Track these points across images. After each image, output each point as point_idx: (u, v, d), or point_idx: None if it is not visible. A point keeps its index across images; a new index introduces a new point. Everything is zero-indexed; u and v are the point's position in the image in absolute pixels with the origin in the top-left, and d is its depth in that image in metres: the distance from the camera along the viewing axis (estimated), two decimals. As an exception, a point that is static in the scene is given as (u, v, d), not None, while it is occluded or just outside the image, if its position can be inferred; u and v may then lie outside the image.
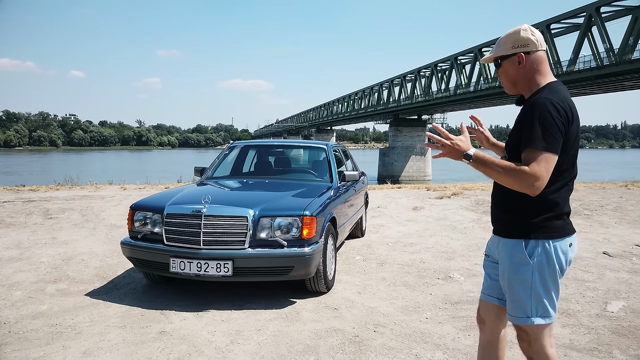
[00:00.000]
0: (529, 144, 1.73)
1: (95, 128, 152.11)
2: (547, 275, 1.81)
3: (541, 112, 1.73)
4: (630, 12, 28.14)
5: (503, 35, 1.92)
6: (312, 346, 2.94)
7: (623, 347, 2.95)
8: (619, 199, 9.65)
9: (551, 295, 1.83)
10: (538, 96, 1.80)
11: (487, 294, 2.05)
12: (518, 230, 1.83)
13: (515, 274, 1.83)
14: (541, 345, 1.84)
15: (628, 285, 4.16)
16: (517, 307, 1.84)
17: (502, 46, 1.90)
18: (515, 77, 1.90)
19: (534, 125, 1.72)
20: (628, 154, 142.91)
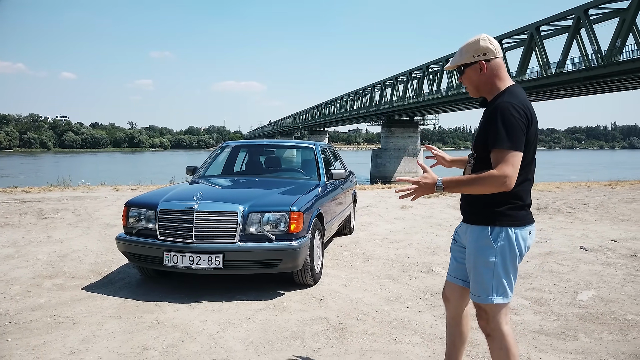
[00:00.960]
0: (496, 144, 1.91)
1: (86, 130, 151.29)
2: (508, 259, 2.00)
3: (504, 114, 1.91)
4: (617, 15, 28.60)
5: (464, 44, 2.09)
6: (298, 332, 3.13)
7: (588, 331, 3.16)
8: (602, 197, 9.92)
9: (510, 278, 2.02)
10: (500, 100, 1.98)
11: (453, 276, 2.26)
12: (485, 218, 2.02)
13: (481, 257, 2.02)
14: (498, 322, 2.02)
15: (600, 276, 4.38)
16: (480, 287, 2.03)
17: (464, 55, 2.07)
18: (477, 83, 2.08)
19: (499, 127, 1.90)
20: (618, 154, 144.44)
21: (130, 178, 16.81)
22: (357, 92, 67.03)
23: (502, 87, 2.05)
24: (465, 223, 2.15)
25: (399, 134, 53.37)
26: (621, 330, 3.17)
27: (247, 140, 6.38)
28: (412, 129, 54.15)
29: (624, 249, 5.37)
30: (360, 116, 65.42)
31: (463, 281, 2.21)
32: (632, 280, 4.24)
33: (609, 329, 3.19)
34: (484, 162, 2.00)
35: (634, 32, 27.10)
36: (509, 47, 39.11)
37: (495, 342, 2.04)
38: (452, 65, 2.14)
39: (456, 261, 2.24)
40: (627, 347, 2.92)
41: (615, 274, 4.45)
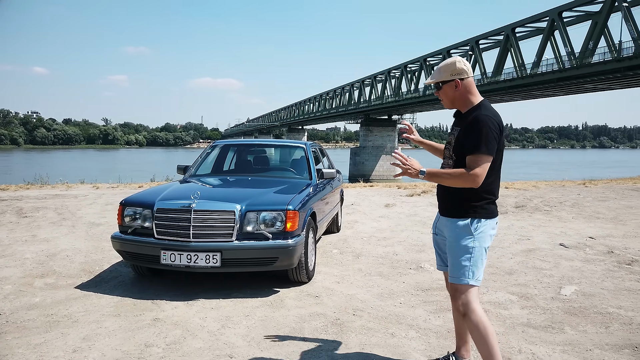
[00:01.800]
0: (474, 150, 2.25)
1: (59, 126, 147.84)
2: (483, 246, 2.36)
3: (483, 126, 2.26)
4: (590, 17, 29.41)
5: (442, 64, 2.42)
6: (298, 328, 3.21)
7: (573, 324, 3.32)
8: (577, 196, 10.25)
9: (482, 263, 2.37)
10: (478, 112, 2.32)
11: (443, 265, 2.60)
12: (466, 212, 2.36)
13: (462, 244, 2.34)
14: (469, 301, 2.34)
15: (580, 272, 4.58)
16: (458, 270, 2.35)
17: (442, 73, 2.39)
18: (453, 97, 2.41)
19: (478, 136, 2.25)
20: (589, 153, 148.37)
21: (109, 176, 16.58)
22: (336, 90, 67.19)
23: (475, 101, 2.40)
24: (444, 217, 2.47)
25: (377, 132, 53.77)
26: (604, 323, 3.34)
27: (238, 140, 6.41)
28: (391, 128, 54.61)
29: (601, 246, 5.61)
30: (339, 114, 65.62)
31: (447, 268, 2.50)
32: (611, 276, 4.45)
33: (593, 321, 3.36)
34: (460, 164, 2.34)
35: (606, 35, 27.91)
36: (485, 47, 39.78)
37: (470, 321, 2.33)
38: (431, 81, 2.43)
39: (441, 251, 2.60)
40: (610, 338, 3.09)
41: (594, 269, 4.66)
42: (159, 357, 2.78)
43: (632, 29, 25.98)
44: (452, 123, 2.52)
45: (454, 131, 2.43)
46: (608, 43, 27.66)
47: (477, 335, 2.32)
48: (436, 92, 2.46)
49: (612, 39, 27.72)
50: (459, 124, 2.42)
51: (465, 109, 2.41)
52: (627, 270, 4.65)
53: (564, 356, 2.83)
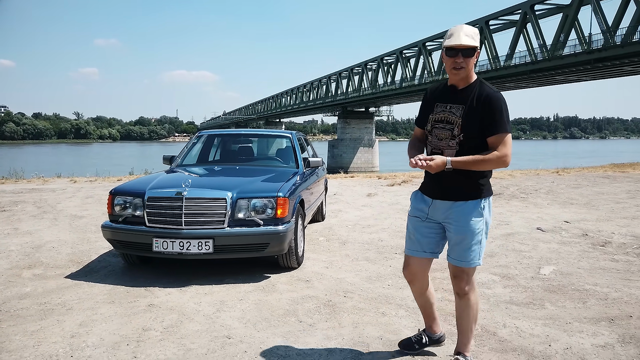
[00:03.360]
0: (499, 129, 2.18)
1: (28, 120, 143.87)
2: (488, 226, 2.36)
3: (502, 104, 2.20)
4: (561, 11, 30.06)
5: (470, 29, 2.19)
6: (291, 310, 3.30)
7: (553, 300, 3.50)
8: (551, 183, 10.59)
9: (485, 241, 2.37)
10: (488, 90, 2.23)
11: (421, 250, 2.44)
12: (476, 192, 2.30)
13: (473, 226, 2.29)
14: (473, 281, 2.40)
15: (558, 253, 4.79)
16: (470, 254, 2.32)
17: (475, 38, 2.19)
18: (471, 68, 2.26)
19: (502, 115, 2.18)
20: (561, 144, 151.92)
21: (85, 170, 16.32)
22: (313, 82, 67.12)
23: (474, 77, 2.30)
24: (447, 200, 2.31)
25: (354, 124, 54.01)
26: (581, 298, 3.53)
27: (224, 130, 6.43)
28: (368, 120, 54.94)
29: (576, 229, 5.85)
30: (316, 107, 65.63)
31: (431, 253, 2.45)
32: (586, 256, 4.67)
33: (571, 298, 3.55)
34: (469, 143, 2.22)
35: (576, 28, 28.61)
36: (461, 40, 40.23)
37: (471, 299, 2.39)
38: (471, 45, 2.17)
39: (425, 237, 2.42)
40: (587, 312, 3.27)
41: (571, 251, 4.88)
42: (157, 339, 2.84)
43: (602, 22, 26.69)
44: (438, 99, 2.35)
45: (452, 108, 2.27)
46: (578, 36, 28.37)
47: (472, 312, 2.40)
48: (461, 58, 2.19)
49: (582, 32, 28.43)
50: (458, 101, 2.26)
51: (466, 83, 2.27)
52: (601, 251, 4.88)
53: (545, 329, 2.99)
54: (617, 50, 25.61)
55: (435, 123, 2.34)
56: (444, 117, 2.31)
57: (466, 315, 2.42)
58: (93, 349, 2.71)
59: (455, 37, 2.19)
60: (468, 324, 2.43)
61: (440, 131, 2.31)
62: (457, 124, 2.25)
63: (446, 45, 2.22)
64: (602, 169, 14.74)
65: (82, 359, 2.60)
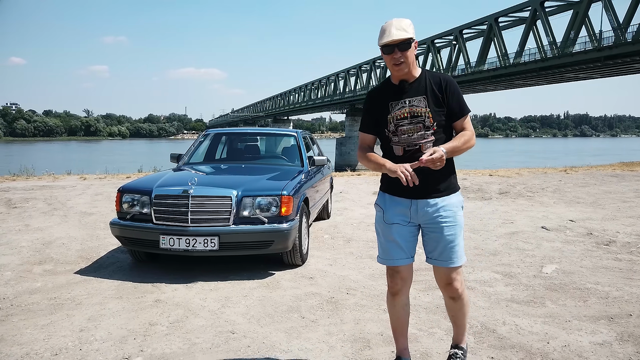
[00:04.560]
0: (465, 111, 2.22)
1: (39, 118, 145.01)
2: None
3: (457, 86, 2.25)
4: (571, 7, 29.85)
5: (401, 21, 2.15)
6: (295, 306, 3.37)
7: (554, 299, 3.53)
8: (559, 182, 10.57)
9: None
10: (440, 75, 2.25)
11: (405, 257, 2.30)
12: (455, 186, 2.27)
13: (457, 221, 2.24)
14: (463, 280, 2.36)
15: (561, 252, 4.81)
16: (456, 252, 2.25)
17: (409, 30, 2.14)
18: (413, 60, 2.20)
19: (461, 97, 2.23)
20: (571, 142, 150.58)
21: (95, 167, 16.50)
22: (322, 80, 67.16)
23: (418, 67, 2.27)
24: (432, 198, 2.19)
25: (363, 122, 53.82)
26: (582, 297, 3.56)
27: (230, 129, 6.52)
28: (376, 118, 54.70)
29: (581, 228, 5.86)
30: (324, 105, 65.67)
31: (412, 257, 2.33)
32: (589, 255, 4.68)
33: (572, 296, 3.58)
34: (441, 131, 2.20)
35: (587, 25, 28.39)
36: (469, 37, 40.13)
37: (463, 299, 2.36)
38: (404, 38, 2.12)
39: (406, 241, 2.29)
40: (588, 311, 3.30)
41: (574, 249, 4.89)
42: (163, 334, 2.91)
43: (612, 19, 26.48)
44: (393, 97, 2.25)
45: (415, 101, 2.20)
46: (589, 33, 28.15)
47: (466, 310, 2.39)
48: (398, 53, 2.14)
49: (592, 29, 28.22)
50: (414, 94, 2.21)
51: (414, 74, 2.22)
52: (605, 250, 4.89)
53: (545, 327, 3.02)
54: (628, 48, 25.40)
55: (399, 121, 2.21)
56: (409, 111, 2.20)
57: (463, 313, 2.39)
58: (101, 342, 2.79)
59: (387, 34, 2.14)
60: (464, 319, 2.43)
61: (409, 127, 2.19)
62: (426, 115, 2.18)
63: (380, 43, 2.17)
64: (610, 167, 14.66)
65: (90, 352, 2.68)
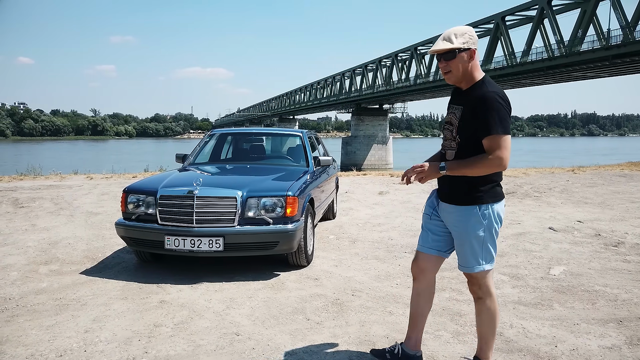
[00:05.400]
0: (491, 131, 2.10)
1: (46, 117, 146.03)
2: (493, 231, 2.28)
3: (494, 104, 2.11)
4: (579, 6, 29.61)
5: (454, 30, 2.19)
6: (300, 308, 3.35)
7: (562, 301, 3.49)
8: (566, 182, 10.48)
9: (495, 246, 2.32)
10: (485, 90, 2.16)
11: (428, 247, 2.44)
12: (473, 199, 2.23)
13: (472, 233, 2.25)
14: (488, 286, 2.35)
15: (569, 254, 4.76)
16: (472, 259, 2.29)
17: (459, 39, 2.16)
18: (464, 69, 2.20)
19: (492, 116, 2.09)
20: (579, 141, 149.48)
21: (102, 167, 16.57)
22: (327, 79, 67.12)
23: (478, 77, 2.23)
24: (449, 204, 2.31)
25: (368, 121, 53.86)
26: (590, 299, 3.52)
27: (235, 129, 6.52)
28: (382, 117, 54.73)
29: (589, 229, 5.80)
30: (330, 104, 65.61)
31: (438, 251, 2.43)
32: (597, 257, 4.63)
33: (580, 299, 3.54)
34: (467, 145, 2.21)
35: (594, 23, 28.16)
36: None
37: (485, 303, 2.35)
38: (446, 48, 2.17)
39: (433, 234, 2.43)
40: (596, 314, 3.26)
41: (582, 251, 4.84)
42: (168, 335, 2.90)
43: (620, 17, 26.25)
44: (450, 101, 2.37)
45: (455, 110, 2.28)
46: (597, 31, 27.92)
47: (488, 318, 2.35)
48: (443, 62, 2.20)
49: (600, 28, 27.98)
50: (460, 102, 2.27)
51: (469, 84, 2.25)
52: (614, 251, 4.84)
53: (552, 330, 2.99)
54: (637, 46, 25.15)
55: (444, 124, 2.40)
56: (448, 118, 2.34)
57: (481, 320, 2.38)
58: (106, 344, 2.79)
59: (434, 44, 2.22)
60: (484, 329, 2.39)
61: (445, 132, 2.36)
62: (455, 126, 2.26)
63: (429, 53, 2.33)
64: (618, 167, 14.52)
65: (95, 353, 2.67)
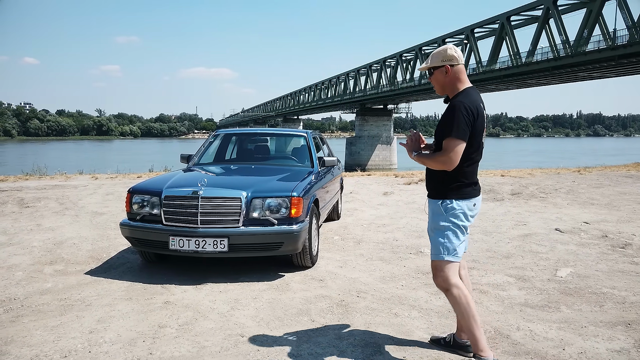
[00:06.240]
0: (447, 134, 2.41)
1: (52, 117, 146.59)
2: (455, 225, 2.48)
3: (455, 111, 2.40)
4: (585, 5, 29.43)
5: (434, 51, 2.56)
6: (304, 309, 3.33)
7: (569, 303, 3.46)
8: (572, 183, 10.41)
9: (458, 240, 2.49)
10: (455, 99, 2.46)
11: None
12: (439, 193, 2.52)
13: (435, 223, 2.52)
14: (447, 277, 2.50)
15: (575, 255, 4.72)
16: (434, 248, 2.53)
17: (434, 59, 2.53)
18: (443, 83, 2.54)
19: (452, 121, 2.39)
20: (584, 142, 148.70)
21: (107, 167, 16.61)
22: (332, 80, 67.05)
23: (461, 88, 2.52)
24: (428, 197, 2.63)
25: (372, 122, 53.77)
26: (598, 302, 3.48)
27: (240, 129, 6.51)
28: (386, 117, 54.63)
29: (595, 231, 5.75)
30: (334, 104, 65.54)
31: None
32: (605, 258, 4.59)
33: (587, 301, 3.50)
34: (439, 147, 2.49)
35: (600, 23, 27.99)
36: (481, 36, 39.79)
37: (452, 295, 2.50)
38: (424, 67, 2.57)
39: None
40: (604, 316, 3.23)
41: (589, 252, 4.80)
42: (172, 337, 2.89)
43: (627, 17, 26.09)
44: None
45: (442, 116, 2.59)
46: (602, 31, 27.75)
47: (459, 309, 2.49)
48: (429, 77, 2.60)
49: (606, 28, 27.80)
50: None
51: (452, 94, 2.53)
52: (621, 253, 4.79)
53: (560, 333, 2.96)
54: (643, 46, 24.97)
55: None
56: None
57: (457, 312, 2.53)
58: (110, 344, 2.78)
59: None
60: (464, 322, 2.51)
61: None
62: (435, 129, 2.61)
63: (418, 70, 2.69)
64: (625, 168, 14.42)
65: (99, 354, 2.66)
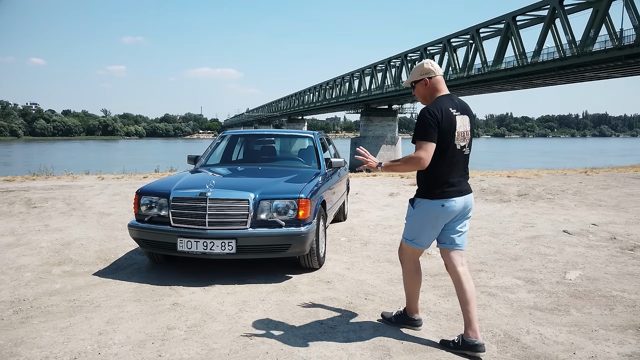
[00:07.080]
0: (415, 137, 2.67)
1: (58, 117, 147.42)
2: (423, 220, 2.78)
3: (420, 116, 2.68)
4: (591, 5, 29.30)
5: (414, 67, 2.85)
6: (313, 312, 3.32)
7: (578, 306, 3.44)
8: (579, 184, 10.36)
9: (418, 232, 2.82)
10: (424, 107, 2.73)
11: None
12: (417, 191, 2.84)
13: (407, 212, 2.91)
14: (405, 256, 2.97)
15: (584, 257, 4.69)
16: (404, 231, 2.94)
17: (414, 74, 2.83)
18: (424, 94, 2.83)
19: (418, 125, 2.67)
20: (590, 142, 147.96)
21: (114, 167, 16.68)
22: (336, 80, 67.07)
23: (436, 96, 2.78)
24: None
25: (377, 122, 53.78)
26: (608, 305, 3.46)
27: (247, 130, 6.52)
28: (391, 117, 54.61)
29: (604, 232, 5.72)
30: (339, 104, 65.56)
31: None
32: (614, 261, 4.56)
33: (597, 304, 3.48)
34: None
35: (607, 23, 27.85)
36: (486, 36, 39.69)
37: (403, 269, 3.02)
38: (407, 82, 2.89)
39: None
40: (614, 320, 3.20)
41: (598, 255, 4.77)
42: (181, 338, 2.89)
43: (633, 17, 25.93)
44: None
45: None
46: (609, 31, 27.61)
47: (404, 279, 3.01)
48: (413, 91, 2.88)
49: (613, 27, 27.67)
50: None
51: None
52: (630, 255, 4.76)
53: (570, 336, 2.94)
54: (650, 46, 24.82)
55: None
56: None
57: (403, 280, 3.04)
58: (119, 346, 2.79)
59: None
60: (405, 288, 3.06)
61: None
62: None
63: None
64: (632, 168, 14.34)
65: (109, 356, 2.67)
